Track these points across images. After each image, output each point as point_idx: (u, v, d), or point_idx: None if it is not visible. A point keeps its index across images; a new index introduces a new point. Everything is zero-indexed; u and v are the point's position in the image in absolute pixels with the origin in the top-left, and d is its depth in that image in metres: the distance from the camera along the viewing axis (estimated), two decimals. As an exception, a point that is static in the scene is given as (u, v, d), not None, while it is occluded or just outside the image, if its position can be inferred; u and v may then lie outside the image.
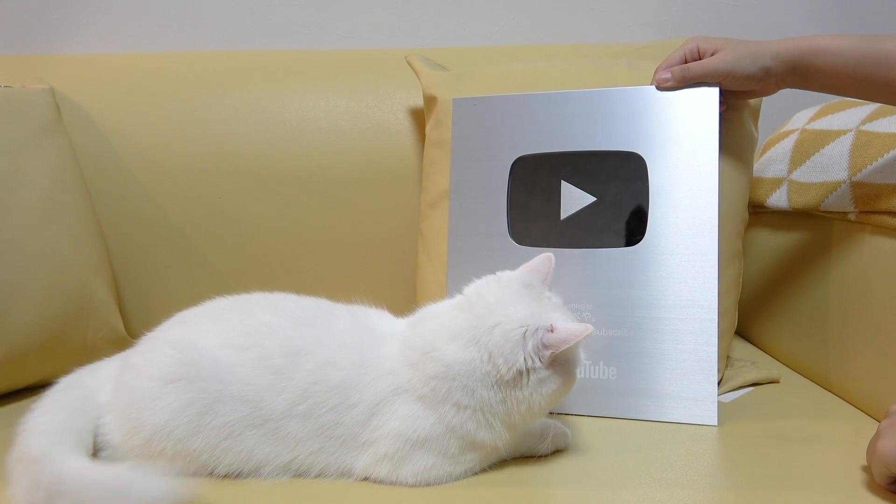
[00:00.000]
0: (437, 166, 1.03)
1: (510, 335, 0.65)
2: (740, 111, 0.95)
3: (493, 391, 0.66)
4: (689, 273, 0.85)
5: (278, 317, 0.71)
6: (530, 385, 0.66)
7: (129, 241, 1.15)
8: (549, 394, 0.67)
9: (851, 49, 0.79)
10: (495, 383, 0.66)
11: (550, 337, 0.65)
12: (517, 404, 0.66)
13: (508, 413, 0.67)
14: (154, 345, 0.71)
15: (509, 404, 0.66)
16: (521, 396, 0.66)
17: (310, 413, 0.66)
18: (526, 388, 0.66)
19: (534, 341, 0.65)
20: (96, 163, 1.13)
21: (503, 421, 0.67)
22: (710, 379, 0.83)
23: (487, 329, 0.66)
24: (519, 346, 0.65)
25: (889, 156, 0.89)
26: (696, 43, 0.88)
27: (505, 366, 0.65)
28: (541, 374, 0.66)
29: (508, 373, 0.65)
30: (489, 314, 0.68)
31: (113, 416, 0.68)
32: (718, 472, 0.74)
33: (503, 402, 0.66)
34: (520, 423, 0.68)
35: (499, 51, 1.27)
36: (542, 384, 0.66)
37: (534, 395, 0.66)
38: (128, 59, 1.26)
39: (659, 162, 0.88)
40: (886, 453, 0.63)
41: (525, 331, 0.66)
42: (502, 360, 0.65)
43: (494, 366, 0.65)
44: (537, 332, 0.65)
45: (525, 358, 0.65)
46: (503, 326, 0.66)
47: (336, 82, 1.22)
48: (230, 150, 1.16)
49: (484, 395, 0.66)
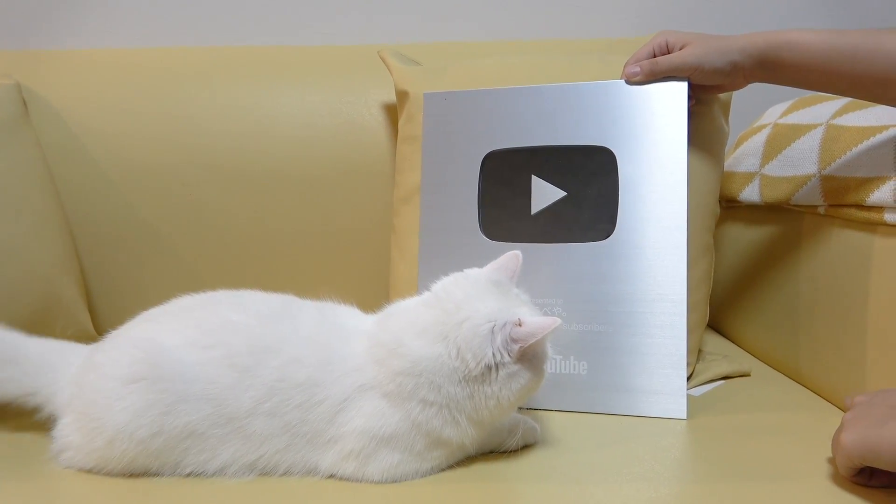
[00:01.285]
0: (410, 162, 1.03)
1: (478, 330, 0.65)
2: (710, 105, 0.95)
3: (461, 387, 0.66)
4: (658, 267, 0.85)
5: (244, 314, 0.71)
6: (499, 380, 0.66)
7: (99, 238, 1.13)
8: (517, 389, 0.66)
9: (819, 43, 0.79)
10: (463, 379, 0.65)
11: (519, 331, 0.65)
12: (485, 400, 0.66)
13: (476, 409, 0.66)
14: (117, 344, 0.70)
15: (477, 400, 0.66)
16: (489, 392, 0.66)
17: (275, 411, 0.66)
18: (494, 384, 0.66)
19: (502, 336, 0.65)
20: (65, 159, 1.11)
21: (470, 417, 0.66)
22: (679, 373, 0.83)
23: (456, 324, 0.66)
24: (487, 341, 0.65)
25: (857, 149, 0.89)
26: (664, 37, 0.88)
27: (473, 361, 0.65)
28: (509, 369, 0.66)
29: (477, 368, 0.65)
30: (457, 310, 0.67)
31: (73, 417, 0.68)
32: (686, 465, 0.74)
33: (471, 398, 0.66)
34: (487, 419, 0.67)
35: (472, 47, 1.27)
36: (511, 379, 0.66)
37: (502, 391, 0.66)
38: (97, 54, 1.25)
39: (629, 156, 0.88)
40: (849, 445, 0.63)
41: (493, 325, 0.65)
42: (471, 356, 0.65)
43: (463, 361, 0.65)
44: (505, 327, 0.65)
45: (493, 352, 0.65)
46: (471, 321, 0.66)
47: (309, 78, 1.21)
48: (202, 145, 1.15)
49: (451, 391, 0.65)
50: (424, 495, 0.65)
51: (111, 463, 0.65)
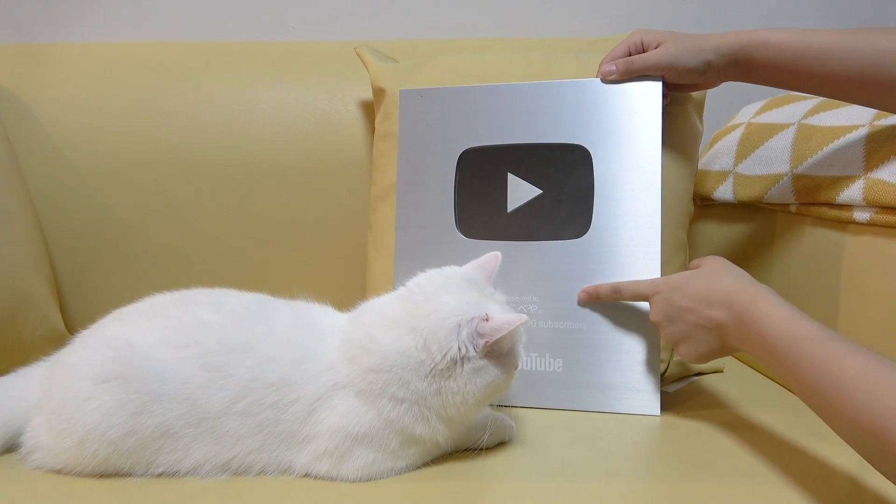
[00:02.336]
0: (386, 159, 1.02)
1: (444, 322, 0.65)
2: (684, 104, 0.96)
3: (428, 382, 0.65)
4: (632, 265, 0.85)
5: (217, 313, 0.70)
6: (464, 375, 0.65)
7: (70, 234, 1.11)
8: (483, 385, 0.66)
9: (791, 42, 0.80)
10: (430, 373, 0.65)
11: (485, 326, 0.65)
12: (452, 396, 0.66)
13: (444, 406, 0.66)
14: (88, 343, 0.69)
15: (444, 396, 0.66)
16: (455, 387, 0.65)
17: (249, 410, 0.65)
18: (460, 379, 0.65)
19: (468, 330, 0.65)
20: (34, 154, 1.09)
21: (439, 415, 0.66)
22: (653, 370, 0.84)
23: (423, 316, 0.66)
24: (453, 334, 0.65)
25: (828, 149, 0.90)
26: (640, 36, 0.88)
27: (439, 353, 0.65)
28: (475, 364, 0.66)
29: (443, 361, 0.65)
30: (426, 302, 0.68)
31: (44, 417, 0.67)
32: (658, 461, 0.75)
33: (438, 394, 0.66)
34: (456, 416, 0.67)
35: (449, 44, 1.27)
36: (477, 375, 0.66)
37: (468, 386, 0.66)
38: (68, 48, 1.23)
39: (603, 154, 0.88)
40: (687, 356, 0.76)
41: (460, 319, 0.65)
42: (436, 347, 0.65)
43: (429, 353, 0.65)
44: (472, 321, 0.65)
45: (459, 346, 0.65)
46: (438, 314, 0.66)
47: (286, 73, 1.20)
48: (175, 141, 1.14)
49: (419, 386, 0.65)
50: (399, 494, 0.65)
51: (82, 463, 0.65)
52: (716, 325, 0.71)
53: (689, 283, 0.75)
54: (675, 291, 0.76)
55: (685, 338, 0.75)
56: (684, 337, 0.75)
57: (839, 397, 0.56)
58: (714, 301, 0.71)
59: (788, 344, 0.61)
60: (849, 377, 0.55)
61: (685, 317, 0.74)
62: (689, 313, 0.74)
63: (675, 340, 0.77)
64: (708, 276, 0.74)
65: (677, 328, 0.76)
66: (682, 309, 0.75)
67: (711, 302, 0.71)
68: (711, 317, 0.71)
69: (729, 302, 0.69)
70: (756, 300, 0.67)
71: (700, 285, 0.74)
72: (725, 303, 0.70)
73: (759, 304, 0.66)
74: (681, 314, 0.75)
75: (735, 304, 0.69)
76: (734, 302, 0.69)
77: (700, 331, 0.73)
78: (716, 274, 0.74)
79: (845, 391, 0.55)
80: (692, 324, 0.74)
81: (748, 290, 0.68)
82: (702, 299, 0.73)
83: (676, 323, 0.75)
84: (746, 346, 0.69)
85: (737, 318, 0.68)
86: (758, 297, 0.67)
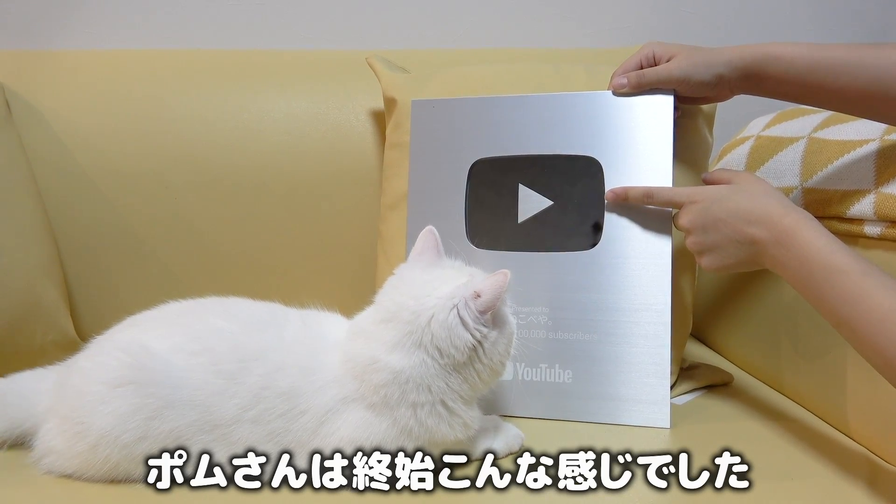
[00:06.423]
0: (397, 168, 1.03)
1: (447, 323, 0.66)
2: (695, 117, 0.96)
3: (453, 377, 0.67)
4: (643, 277, 0.86)
5: (230, 321, 0.70)
6: (486, 352, 0.68)
7: (82, 242, 1.12)
8: (505, 346, 0.70)
9: (802, 57, 0.80)
10: (453, 370, 0.67)
11: (480, 301, 0.66)
12: (478, 375, 0.68)
13: (472, 386, 0.69)
14: (104, 348, 0.70)
15: (472, 379, 0.68)
16: (480, 368, 0.68)
17: (259, 419, 0.65)
18: (484, 357, 0.68)
19: (470, 316, 0.66)
20: (48, 162, 1.10)
21: (468, 397, 0.69)
22: (663, 382, 0.84)
23: (423, 328, 0.66)
24: (461, 329, 0.66)
25: (838, 163, 0.91)
26: (651, 49, 0.88)
27: (458, 351, 0.66)
28: (491, 337, 0.68)
29: (463, 355, 0.66)
30: (416, 317, 0.67)
31: (56, 422, 0.67)
32: (668, 473, 0.75)
33: (465, 381, 0.68)
34: (484, 388, 0.71)
35: (460, 54, 1.27)
36: (495, 345, 0.68)
37: (493, 357, 0.68)
38: (82, 56, 1.23)
39: (615, 166, 0.88)
40: (709, 266, 0.78)
41: (458, 312, 0.66)
42: (454, 349, 0.66)
43: (448, 357, 0.66)
44: (467, 306, 0.66)
45: (472, 334, 0.66)
46: (437, 319, 0.66)
47: (296, 83, 1.21)
48: (187, 149, 1.14)
49: (441, 385, 0.67)
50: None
51: (94, 468, 0.65)
52: (751, 241, 0.73)
53: (732, 197, 0.76)
54: (715, 203, 0.77)
55: (713, 248, 0.77)
56: (713, 247, 0.77)
57: (866, 332, 0.60)
58: (755, 219, 0.73)
59: (824, 273, 0.65)
60: (877, 316, 0.59)
61: (721, 228, 0.76)
62: (725, 226, 0.75)
63: (700, 249, 0.79)
64: (750, 193, 0.76)
65: (709, 238, 0.77)
66: (718, 220, 0.76)
67: (752, 220, 0.73)
68: (750, 233, 0.73)
69: (771, 223, 0.71)
70: (799, 226, 0.69)
71: (743, 201, 0.75)
72: (767, 223, 0.71)
73: (802, 230, 0.68)
74: (717, 225, 0.76)
75: (777, 226, 0.70)
76: (777, 224, 0.70)
77: (732, 244, 0.75)
78: (760, 193, 0.75)
79: (874, 328, 0.59)
80: (726, 236, 0.75)
81: (791, 215, 0.70)
82: (742, 215, 0.74)
83: (710, 233, 0.77)
84: (780, 269, 0.71)
85: (776, 239, 0.70)
86: (801, 223, 0.69)
